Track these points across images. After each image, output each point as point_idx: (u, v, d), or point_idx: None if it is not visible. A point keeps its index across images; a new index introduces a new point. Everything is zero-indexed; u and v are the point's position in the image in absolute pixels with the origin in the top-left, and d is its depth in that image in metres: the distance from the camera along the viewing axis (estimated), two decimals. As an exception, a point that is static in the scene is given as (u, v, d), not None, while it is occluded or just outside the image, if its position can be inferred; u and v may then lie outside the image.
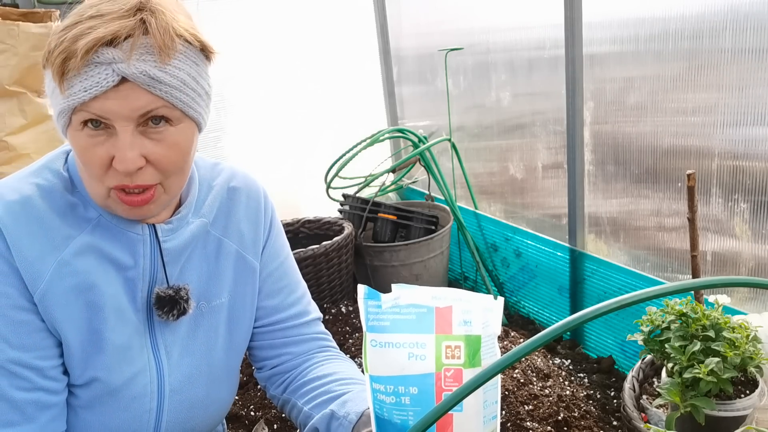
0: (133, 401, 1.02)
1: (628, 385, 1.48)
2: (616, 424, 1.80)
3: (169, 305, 1.01)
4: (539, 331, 1.61)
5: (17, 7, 2.07)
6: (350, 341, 2.27)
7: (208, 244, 1.09)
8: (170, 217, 1.04)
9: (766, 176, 1.65)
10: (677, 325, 1.32)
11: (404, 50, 3.16)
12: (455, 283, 2.95)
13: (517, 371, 1.91)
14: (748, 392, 1.28)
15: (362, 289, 0.80)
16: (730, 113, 1.69)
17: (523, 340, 2.22)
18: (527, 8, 2.31)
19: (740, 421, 1.25)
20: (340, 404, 1.03)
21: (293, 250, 1.35)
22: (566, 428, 1.71)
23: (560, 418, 1.72)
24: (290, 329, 1.19)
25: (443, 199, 2.70)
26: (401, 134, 2.83)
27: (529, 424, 1.69)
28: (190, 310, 1.03)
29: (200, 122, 0.95)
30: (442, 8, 2.80)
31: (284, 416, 1.87)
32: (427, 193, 2.81)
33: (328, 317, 2.40)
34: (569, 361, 2.16)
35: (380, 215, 2.63)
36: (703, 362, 1.22)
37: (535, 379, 1.90)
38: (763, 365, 1.27)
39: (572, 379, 2.00)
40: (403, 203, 2.90)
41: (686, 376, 1.23)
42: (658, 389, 1.31)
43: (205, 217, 1.08)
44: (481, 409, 0.78)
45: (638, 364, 1.55)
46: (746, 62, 1.62)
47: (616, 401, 1.92)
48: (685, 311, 1.33)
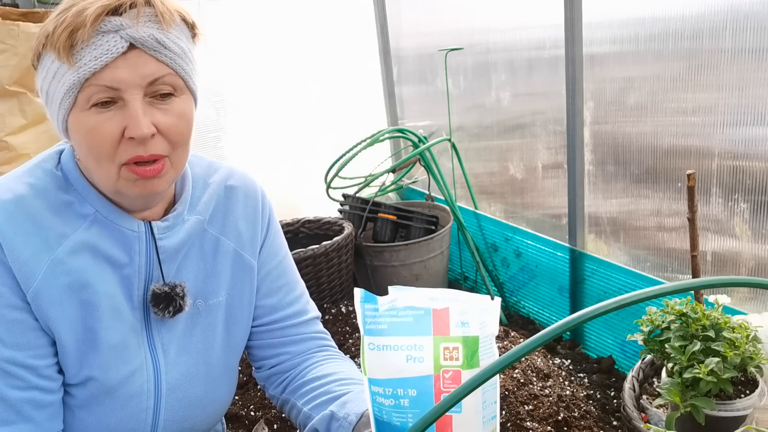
0: (129, 399, 1.02)
1: (628, 385, 1.48)
2: (616, 424, 1.80)
3: (164, 302, 1.01)
4: (539, 331, 1.61)
5: (17, 7, 2.07)
6: (350, 341, 2.27)
7: (205, 242, 1.09)
8: (165, 214, 1.04)
9: (766, 176, 1.65)
10: (677, 325, 1.32)
11: (404, 50, 3.15)
12: (455, 283, 2.95)
13: (517, 371, 1.91)
14: (748, 392, 1.28)
15: (359, 292, 0.80)
16: (730, 113, 1.69)
17: (522, 340, 2.22)
18: (527, 8, 2.31)
19: (740, 421, 1.25)
20: (339, 405, 1.03)
21: (293, 250, 1.35)
22: (566, 428, 1.71)
23: (560, 418, 1.72)
24: (289, 328, 1.19)
25: (443, 199, 2.69)
26: (401, 134, 2.82)
27: (529, 424, 1.69)
28: (186, 307, 1.03)
29: (197, 97, 0.99)
30: (442, 8, 2.80)
31: (284, 416, 1.87)
32: (427, 193, 2.80)
33: (328, 317, 2.40)
34: (569, 361, 2.16)
35: (380, 215, 2.63)
36: (703, 362, 1.22)
37: (535, 379, 1.90)
38: (763, 365, 1.27)
39: (572, 379, 1.99)
40: (403, 203, 2.90)
41: (686, 376, 1.23)
42: (658, 389, 1.31)
43: (200, 214, 1.08)
44: (480, 409, 0.78)
45: (638, 364, 1.55)
46: (746, 62, 1.62)
47: (616, 401, 1.92)
48: (685, 311, 1.33)
